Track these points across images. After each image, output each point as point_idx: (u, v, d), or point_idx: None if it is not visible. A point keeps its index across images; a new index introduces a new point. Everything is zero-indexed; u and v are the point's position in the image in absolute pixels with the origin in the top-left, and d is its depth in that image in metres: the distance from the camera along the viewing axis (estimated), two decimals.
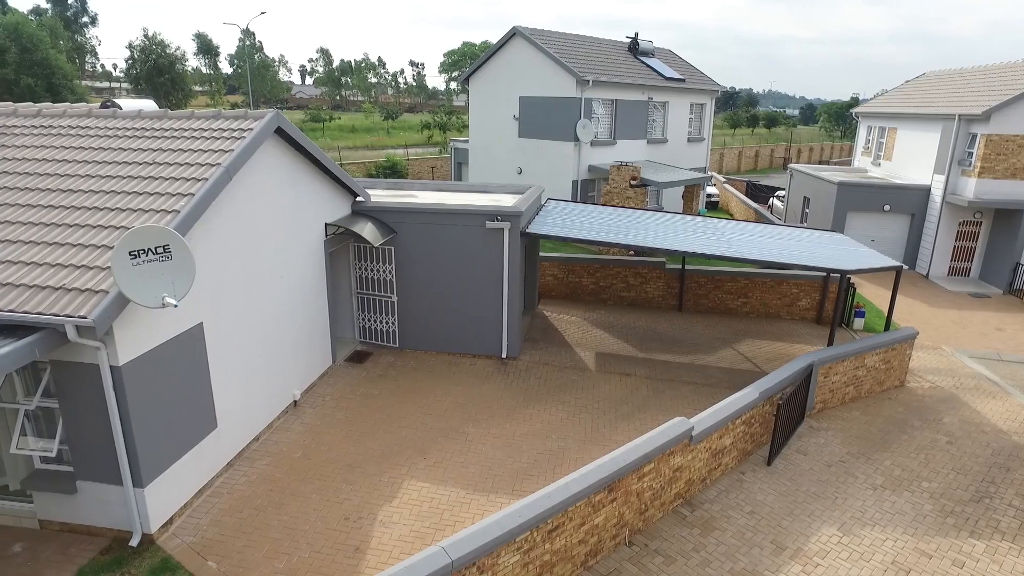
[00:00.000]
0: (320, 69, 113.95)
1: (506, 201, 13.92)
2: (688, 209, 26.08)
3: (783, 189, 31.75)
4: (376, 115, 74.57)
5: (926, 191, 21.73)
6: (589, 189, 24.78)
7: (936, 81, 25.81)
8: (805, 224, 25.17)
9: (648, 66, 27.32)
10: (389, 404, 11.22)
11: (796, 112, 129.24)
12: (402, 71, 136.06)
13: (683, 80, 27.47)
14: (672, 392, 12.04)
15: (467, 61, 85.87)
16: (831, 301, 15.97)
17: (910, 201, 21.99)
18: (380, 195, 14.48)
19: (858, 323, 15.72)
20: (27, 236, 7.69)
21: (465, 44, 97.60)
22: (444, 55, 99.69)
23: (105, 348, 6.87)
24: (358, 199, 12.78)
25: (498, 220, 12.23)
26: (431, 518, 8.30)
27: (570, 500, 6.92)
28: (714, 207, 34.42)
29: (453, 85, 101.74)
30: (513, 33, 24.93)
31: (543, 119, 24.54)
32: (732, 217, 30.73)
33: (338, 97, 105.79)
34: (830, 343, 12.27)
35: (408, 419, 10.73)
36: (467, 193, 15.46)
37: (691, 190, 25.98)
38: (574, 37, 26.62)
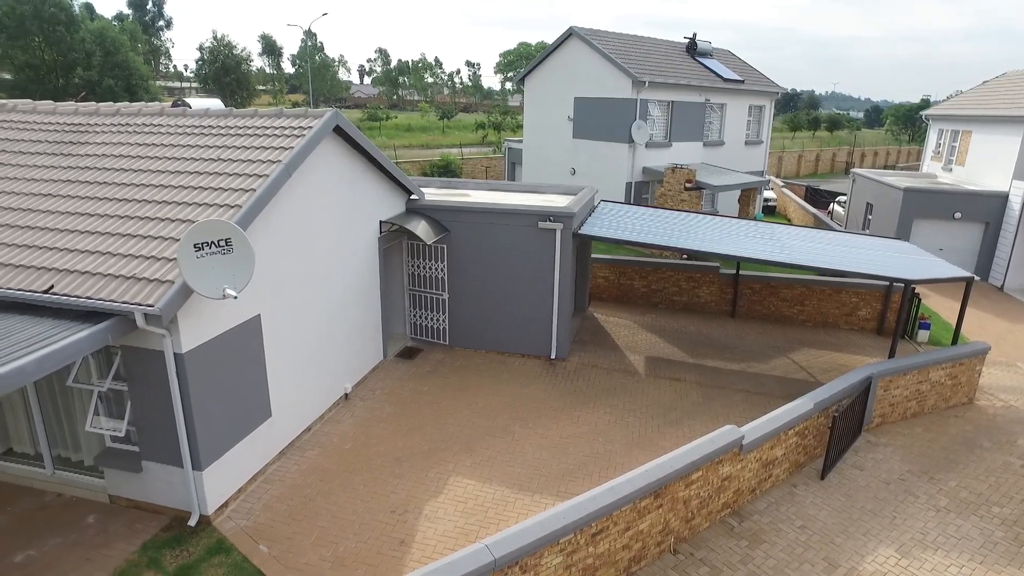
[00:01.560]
0: (378, 69, 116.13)
1: (559, 202, 13.89)
2: (744, 213, 25.49)
3: (844, 194, 30.68)
4: (432, 114, 75.49)
5: (1003, 198, 20.62)
6: (643, 191, 24.51)
7: (1019, 80, 24.47)
8: (867, 231, 24.26)
9: (706, 67, 26.84)
10: (438, 400, 11.35)
11: (860, 115, 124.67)
12: (458, 71, 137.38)
13: (742, 81, 26.87)
14: (723, 399, 11.80)
15: (523, 61, 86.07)
16: (893, 312, 15.35)
17: (985, 208, 20.92)
18: (434, 194, 14.66)
19: (923, 336, 15.07)
20: (104, 227, 8.11)
21: (521, 44, 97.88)
22: (500, 55, 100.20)
23: (170, 336, 7.19)
24: (412, 197, 12.97)
25: (551, 221, 12.23)
26: (475, 515, 8.37)
27: (615, 504, 6.86)
28: (771, 212, 33.53)
29: (508, 85, 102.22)
30: (569, 33, 24.86)
31: (598, 120, 24.38)
32: (790, 222, 29.89)
33: (395, 96, 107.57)
34: (891, 355, 11.79)
35: (456, 416, 10.84)
36: (520, 193, 15.50)
37: (748, 194, 25.39)
38: (630, 37, 26.37)
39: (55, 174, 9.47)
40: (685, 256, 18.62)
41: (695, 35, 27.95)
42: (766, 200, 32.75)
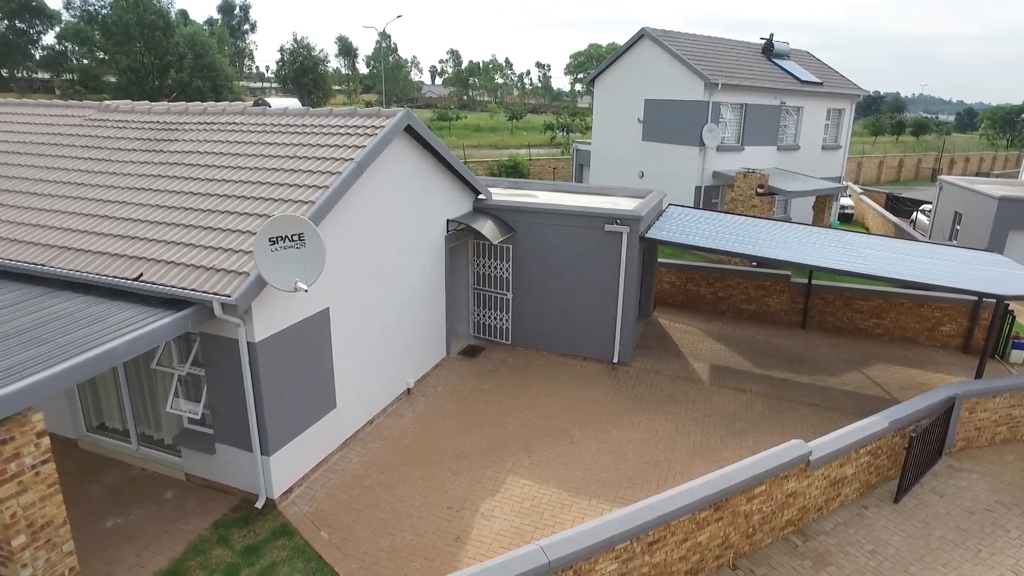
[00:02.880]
0: (449, 70, 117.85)
1: (626, 205, 13.74)
2: (819, 221, 24.53)
3: (929, 203, 29.04)
4: (501, 115, 76.03)
5: None
6: (712, 196, 23.95)
7: None
8: (954, 242, 22.90)
9: (782, 69, 25.99)
10: (498, 399, 11.42)
11: (951, 118, 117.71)
12: (528, 72, 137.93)
13: (820, 84, 25.89)
14: (790, 412, 11.39)
15: (593, 63, 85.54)
16: (982, 329, 14.43)
17: None
18: (501, 194, 14.75)
19: (1016, 356, 14.10)
20: (188, 220, 8.55)
21: (592, 46, 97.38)
22: (570, 57, 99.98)
23: (244, 325, 7.50)
24: (480, 197, 13.09)
25: (617, 223, 12.10)
26: (531, 516, 8.37)
27: (673, 514, 6.73)
28: (848, 220, 32.12)
29: (578, 87, 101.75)
30: (641, 35, 24.56)
31: (668, 122, 23.99)
32: (868, 231, 28.55)
33: (465, 97, 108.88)
34: (978, 375, 11.09)
35: (516, 416, 10.88)
36: (587, 195, 15.42)
37: (823, 201, 24.42)
38: (703, 39, 25.82)
39: (147, 169, 10.06)
40: (754, 263, 18.07)
41: (771, 36, 27.11)
42: (843, 208, 31.41)
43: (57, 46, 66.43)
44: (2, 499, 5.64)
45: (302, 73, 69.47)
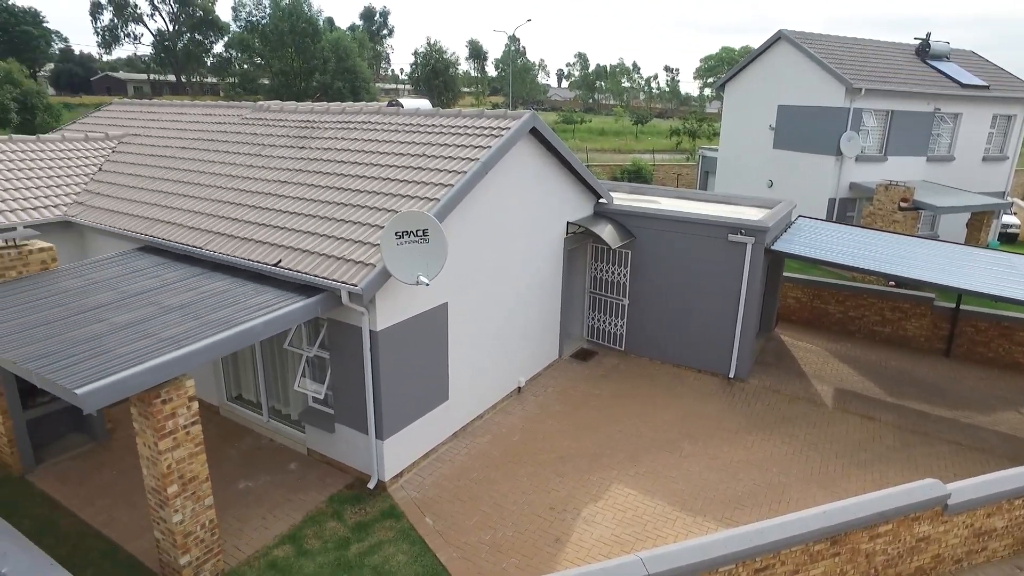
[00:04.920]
0: (576, 73, 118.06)
1: (752, 215, 13.16)
2: (973, 240, 22.21)
3: None
4: (626, 119, 75.16)
5: None
6: (848, 209, 22.39)
7: None
8: None
9: (939, 71, 23.76)
10: (607, 405, 11.32)
11: None
12: (655, 76, 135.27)
13: (986, 87, 23.41)
14: (925, 448, 10.42)
15: (724, 67, 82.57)
16: None
17: None
18: (622, 198, 14.60)
19: None
20: (322, 212, 9.17)
21: (724, 49, 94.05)
22: (701, 60, 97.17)
23: (368, 314, 7.93)
24: (600, 200, 13.03)
25: (742, 234, 11.62)
26: (633, 526, 8.24)
27: (785, 542, 6.37)
28: (1012, 240, 28.79)
29: (707, 91, 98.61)
30: (777, 37, 23.41)
31: (802, 130, 22.69)
32: None
33: (591, 100, 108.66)
34: None
35: (624, 423, 10.74)
36: (711, 203, 14.92)
37: (980, 218, 22.09)
38: (848, 40, 24.18)
39: (290, 164, 10.89)
40: (892, 283, 16.70)
41: (928, 35, 24.89)
42: (1005, 226, 28.22)
43: (224, 54, 73.79)
44: (161, 451, 6.35)
45: (434, 75, 72.34)
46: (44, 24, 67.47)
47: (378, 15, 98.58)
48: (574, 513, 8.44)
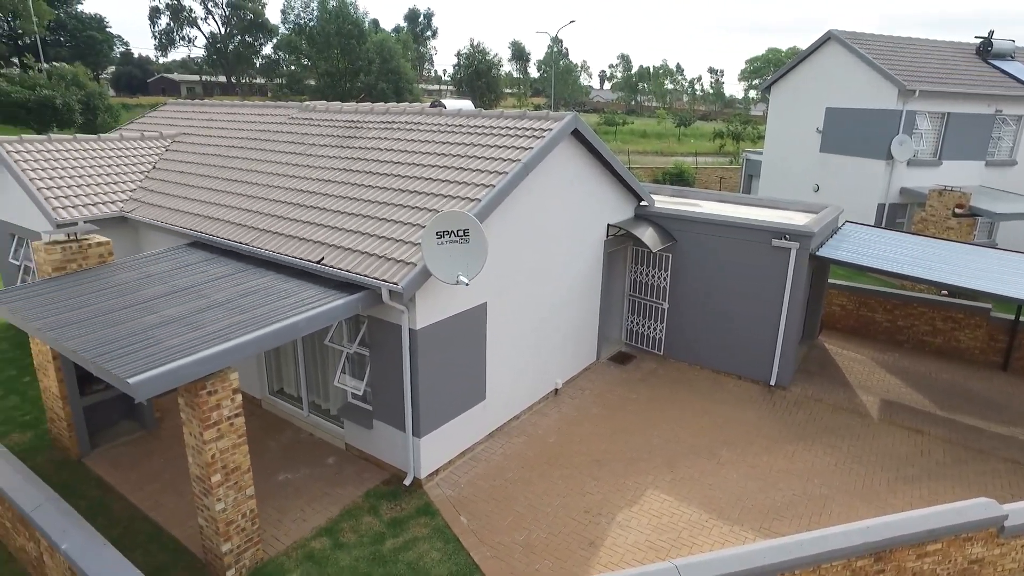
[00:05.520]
0: (619, 75, 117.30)
1: (797, 219, 12.87)
2: None
3: None
4: (668, 121, 74.37)
5: None
6: (898, 215, 21.71)
7: None
8: None
9: (1002, 71, 22.81)
10: (644, 410, 11.22)
11: None
12: (699, 78, 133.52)
13: None
14: (979, 466, 10.02)
15: (770, 68, 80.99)
16: None
17: None
18: (664, 201, 14.45)
19: None
20: (364, 211, 9.31)
21: (770, 50, 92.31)
22: (746, 62, 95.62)
23: (407, 312, 8.03)
24: (642, 203, 12.93)
25: (786, 239, 11.38)
26: (668, 533, 8.14)
27: (826, 556, 6.20)
28: None
29: (752, 93, 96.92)
30: (827, 38, 22.83)
31: (851, 133, 22.10)
32: None
33: (633, 102, 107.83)
34: None
35: (661, 429, 10.62)
36: (755, 207, 14.65)
37: None
38: (902, 40, 23.44)
39: (334, 163, 11.09)
40: (945, 292, 16.12)
41: (991, 33, 23.91)
42: None
43: (272, 55, 75.77)
44: (206, 441, 6.54)
45: (476, 76, 72.78)
46: (107, 29, 70.29)
47: (422, 17, 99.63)
48: (609, 517, 8.38)
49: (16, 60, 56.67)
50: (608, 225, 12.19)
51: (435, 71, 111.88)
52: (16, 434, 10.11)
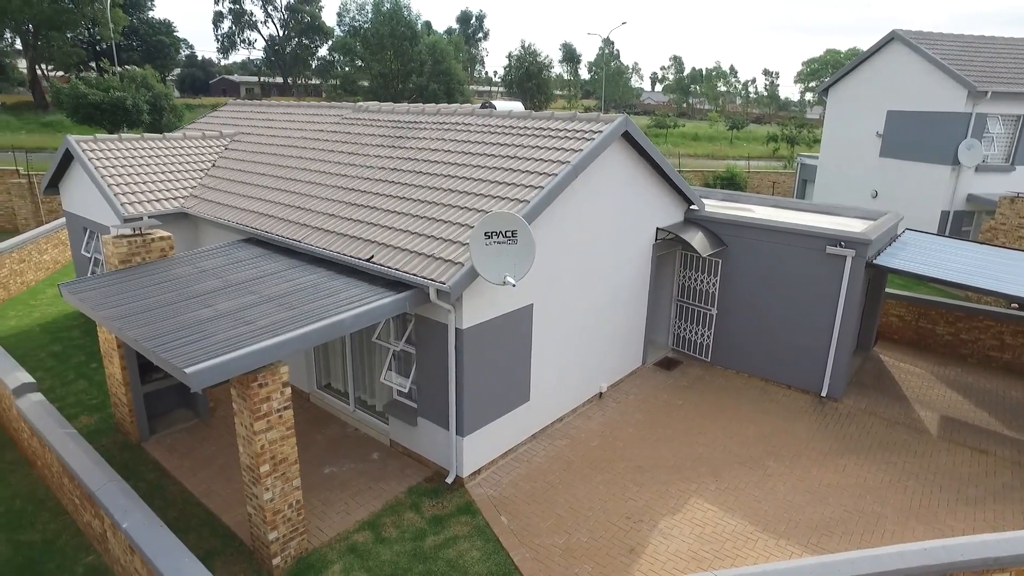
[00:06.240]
0: (670, 77, 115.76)
1: (853, 226, 12.47)
2: None
3: None
4: (721, 124, 72.99)
5: None
6: (963, 223, 20.80)
7: None
8: None
9: None
10: (690, 417, 11.03)
11: None
12: (753, 80, 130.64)
13: None
14: None
15: (828, 70, 78.73)
16: None
17: None
18: (714, 205, 14.20)
19: None
20: (414, 210, 9.42)
21: (829, 52, 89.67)
22: (803, 64, 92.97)
23: (454, 312, 8.09)
24: (692, 207, 12.72)
25: (841, 246, 11.03)
26: (711, 543, 7.98)
27: None
28: None
29: (808, 96, 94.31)
30: (890, 38, 22.07)
31: (914, 137, 21.29)
32: None
33: (684, 104, 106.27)
34: None
35: (706, 437, 10.43)
36: (809, 213, 14.26)
37: None
38: (973, 39, 22.47)
39: (385, 163, 11.26)
40: (1015, 305, 15.34)
41: None
42: None
43: (328, 57, 77.64)
44: (256, 432, 6.73)
45: (527, 78, 72.89)
46: (175, 33, 73.29)
47: (474, 19, 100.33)
48: (651, 524, 8.27)
49: (93, 64, 59.85)
50: (657, 229, 12.03)
51: (486, 73, 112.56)
52: (84, 416, 10.62)
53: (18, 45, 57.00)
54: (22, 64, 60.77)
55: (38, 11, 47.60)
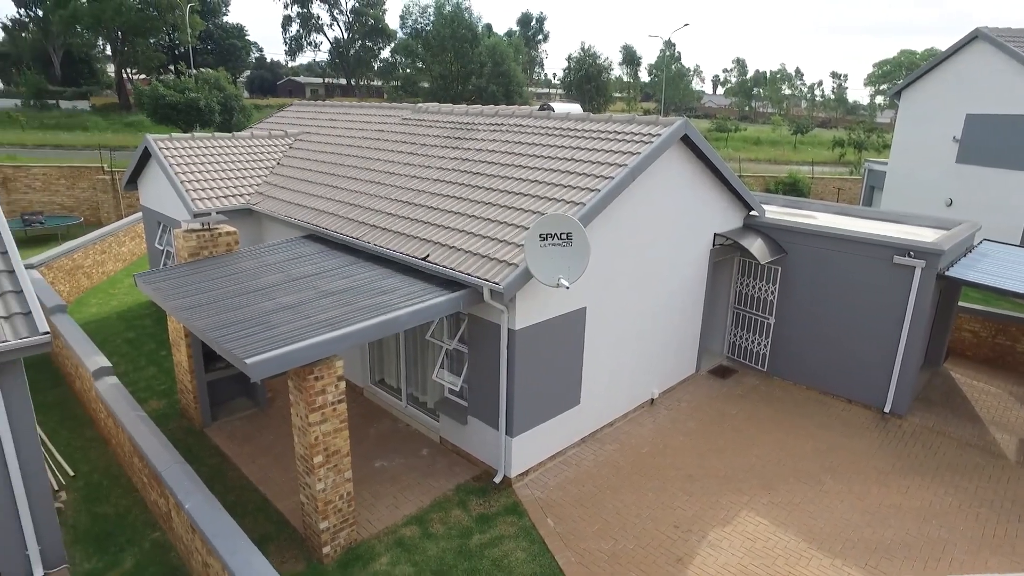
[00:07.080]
0: (733, 79, 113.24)
1: (924, 235, 11.92)
2: None
3: None
4: (784, 128, 70.93)
5: None
6: None
7: None
8: None
9: None
10: (743, 427, 10.77)
11: None
12: (820, 83, 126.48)
13: None
14: None
15: (902, 72, 75.55)
16: None
17: None
18: (775, 211, 13.82)
19: None
20: (470, 211, 9.51)
21: (903, 52, 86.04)
22: (874, 65, 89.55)
23: (507, 312, 8.12)
24: (752, 213, 12.42)
25: (910, 256, 10.56)
26: (762, 558, 7.76)
27: None
28: None
29: (879, 99, 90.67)
30: (973, 36, 20.97)
31: (996, 142, 20.20)
32: None
33: (747, 108, 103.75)
34: None
35: (760, 449, 10.16)
36: (876, 221, 13.71)
37: None
38: None
39: (443, 163, 11.41)
40: None
41: None
42: None
43: (390, 59, 79.33)
44: (311, 423, 6.93)
45: (586, 80, 72.50)
46: (246, 37, 76.37)
47: (534, 21, 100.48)
48: (699, 535, 8.11)
49: (172, 67, 63.16)
50: (715, 234, 11.79)
51: (545, 75, 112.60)
52: (153, 401, 11.18)
53: (107, 51, 61.32)
54: (110, 68, 65.08)
55: (127, 19, 52.05)
